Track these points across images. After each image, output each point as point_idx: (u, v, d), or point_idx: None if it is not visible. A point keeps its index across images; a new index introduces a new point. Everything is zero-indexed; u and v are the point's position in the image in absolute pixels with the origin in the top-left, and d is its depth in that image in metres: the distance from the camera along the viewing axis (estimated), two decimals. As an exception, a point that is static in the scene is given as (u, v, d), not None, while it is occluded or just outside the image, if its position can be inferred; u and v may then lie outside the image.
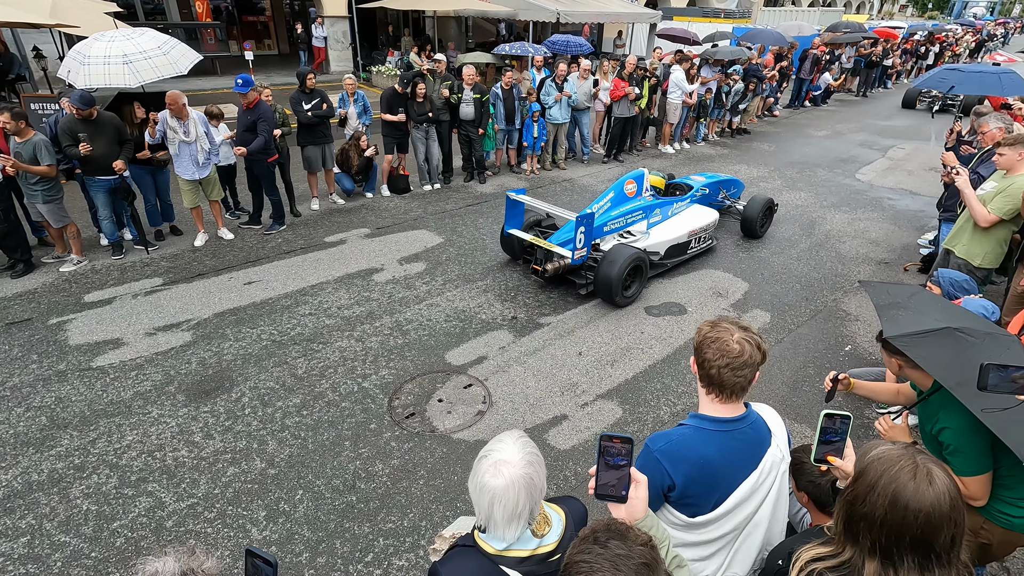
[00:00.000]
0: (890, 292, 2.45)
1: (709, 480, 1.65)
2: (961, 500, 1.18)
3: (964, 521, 1.18)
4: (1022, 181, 3.93)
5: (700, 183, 7.07)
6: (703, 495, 1.66)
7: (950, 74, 7.70)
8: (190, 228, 6.72)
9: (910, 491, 1.17)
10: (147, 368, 4.49)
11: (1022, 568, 3.09)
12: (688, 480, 1.63)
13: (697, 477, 1.64)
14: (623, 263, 5.32)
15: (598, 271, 5.43)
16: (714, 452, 1.64)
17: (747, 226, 7.23)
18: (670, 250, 6.19)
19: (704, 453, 1.64)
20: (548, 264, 5.62)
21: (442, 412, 4.14)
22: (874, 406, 4.27)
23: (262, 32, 21.33)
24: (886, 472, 1.21)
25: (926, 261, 6.38)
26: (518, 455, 1.34)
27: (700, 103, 11.04)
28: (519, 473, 1.31)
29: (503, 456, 1.34)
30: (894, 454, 1.23)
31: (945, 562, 1.18)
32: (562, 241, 5.64)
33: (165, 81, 6.09)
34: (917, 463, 1.20)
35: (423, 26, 20.40)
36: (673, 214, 6.52)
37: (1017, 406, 1.89)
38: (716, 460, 1.64)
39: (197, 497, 3.38)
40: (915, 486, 1.17)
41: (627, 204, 6.16)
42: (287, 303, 5.45)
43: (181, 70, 5.88)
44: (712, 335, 1.63)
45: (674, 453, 1.65)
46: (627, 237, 6.10)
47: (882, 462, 1.23)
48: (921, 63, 22.93)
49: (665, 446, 1.67)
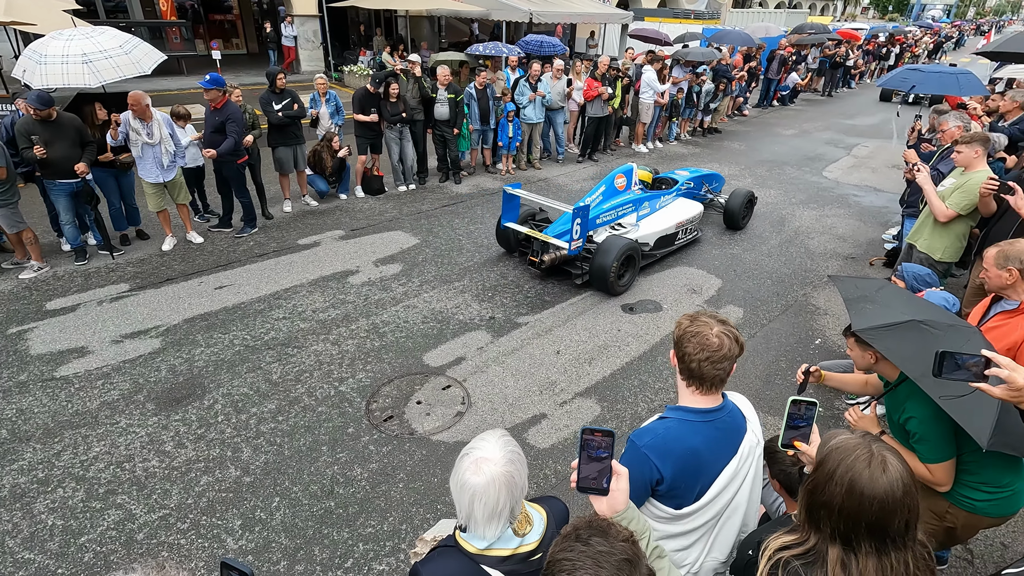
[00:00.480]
0: (858, 286, 2.52)
1: (695, 471, 1.68)
2: (914, 487, 1.22)
3: (917, 506, 1.22)
4: (979, 177, 4.08)
5: (685, 177, 7.30)
6: (689, 486, 1.69)
7: (911, 74, 7.98)
8: (157, 232, 6.54)
9: (865, 479, 1.21)
10: (114, 377, 4.36)
11: (985, 550, 3.21)
12: (676, 473, 1.65)
13: (684, 469, 1.66)
14: (617, 253, 5.53)
15: (593, 262, 5.64)
16: (700, 443, 1.67)
17: (730, 218, 7.52)
18: (659, 241, 6.43)
19: (691, 444, 1.66)
20: (545, 255, 5.79)
21: (421, 414, 4.11)
22: (844, 397, 4.39)
23: (230, 31, 20.89)
24: (843, 461, 1.24)
25: (890, 255, 6.58)
26: (499, 453, 1.34)
27: (672, 103, 11.20)
28: (500, 471, 1.31)
29: (484, 454, 1.34)
30: (851, 443, 1.27)
31: (900, 545, 1.22)
32: (558, 233, 5.82)
33: (128, 81, 5.91)
34: (872, 452, 1.24)
35: (395, 26, 20.23)
36: (660, 207, 6.75)
37: (972, 393, 1.96)
38: (702, 450, 1.67)
39: (169, 508, 3.29)
40: (870, 474, 1.21)
41: (618, 197, 6.35)
42: (260, 307, 5.35)
43: (144, 70, 5.70)
44: (692, 329, 1.66)
45: (661, 447, 1.66)
46: (618, 229, 6.28)
47: (839, 452, 1.26)
48: (883, 64, 23.67)
49: (652, 441, 1.68)
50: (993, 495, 2.22)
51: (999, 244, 2.83)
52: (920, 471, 2.23)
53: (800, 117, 15.50)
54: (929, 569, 1.26)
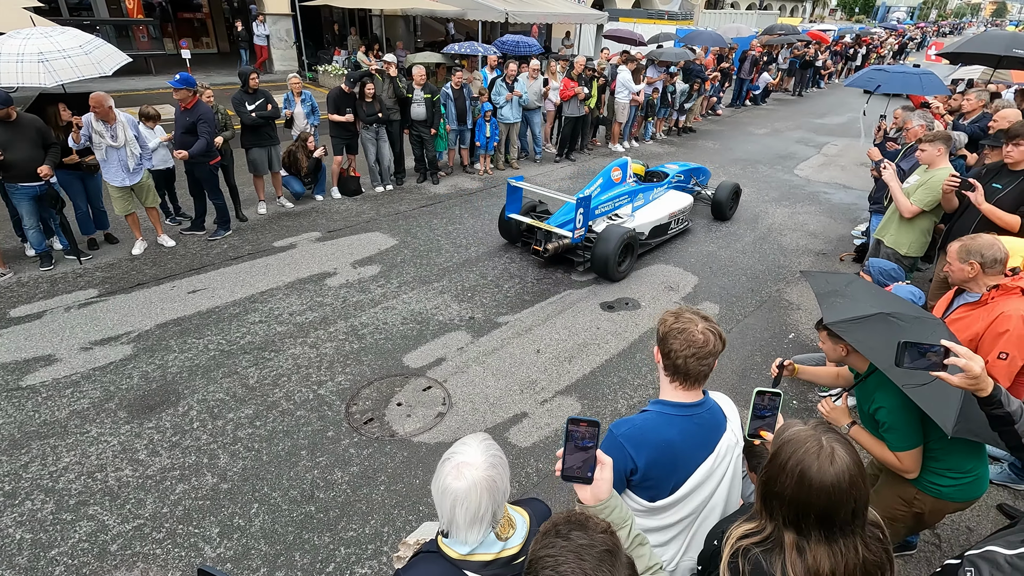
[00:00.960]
0: (828, 281, 2.59)
1: (670, 463, 1.70)
2: (862, 476, 1.25)
3: (865, 494, 1.26)
4: (941, 175, 4.22)
5: (675, 171, 7.67)
6: (663, 478, 1.71)
7: (877, 74, 8.24)
8: (126, 236, 6.38)
9: (814, 470, 1.24)
10: (84, 385, 4.24)
11: (951, 534, 3.33)
12: (650, 463, 1.67)
13: (659, 460, 1.68)
14: (617, 242, 5.85)
15: (595, 249, 5.94)
16: (676, 435, 1.69)
17: (717, 209, 7.93)
18: (654, 231, 6.75)
19: (666, 436, 1.69)
20: (549, 244, 6.06)
21: (401, 416, 4.09)
22: (816, 389, 4.49)
23: (199, 30, 20.45)
24: (794, 453, 1.28)
25: (859, 251, 6.77)
26: (481, 457, 1.34)
27: (648, 103, 11.33)
28: (481, 475, 1.31)
29: (465, 458, 1.34)
30: (802, 435, 1.30)
31: (849, 531, 1.26)
32: (561, 223, 6.11)
33: (93, 81, 5.75)
34: (822, 443, 1.27)
35: (370, 25, 20.05)
36: (654, 198, 7.12)
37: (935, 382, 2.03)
38: (677, 443, 1.69)
39: (144, 517, 3.21)
40: (819, 465, 1.24)
41: (615, 189, 6.65)
42: (235, 311, 5.26)
43: (105, 71, 5.51)
44: (678, 326, 1.68)
45: (637, 437, 1.69)
46: (615, 220, 6.54)
47: (791, 443, 1.30)
48: (850, 64, 24.29)
49: (629, 430, 1.70)
50: (958, 481, 2.30)
51: (962, 239, 2.93)
52: (889, 459, 2.31)
53: (772, 116, 15.82)
54: (883, 549, 1.30)
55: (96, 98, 5.32)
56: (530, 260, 6.51)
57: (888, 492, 2.49)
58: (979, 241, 2.84)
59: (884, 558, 1.30)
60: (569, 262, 6.37)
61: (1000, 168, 4.26)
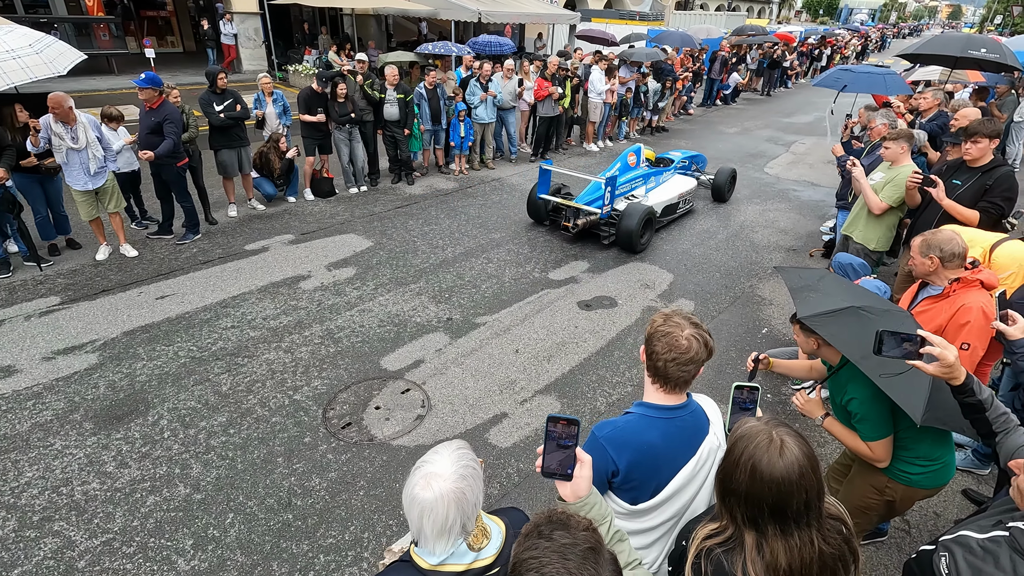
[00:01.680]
0: (801, 276, 2.64)
1: (651, 466, 1.70)
2: (813, 468, 1.27)
3: (817, 485, 1.27)
4: (906, 171, 4.35)
5: (679, 157, 8.50)
6: (645, 481, 1.71)
7: (843, 74, 8.45)
8: (89, 240, 6.16)
9: (764, 463, 1.26)
10: (46, 396, 4.08)
11: (920, 520, 3.43)
12: (631, 465, 1.68)
13: (640, 462, 1.68)
14: (639, 217, 6.65)
15: (619, 224, 6.72)
16: (657, 438, 1.69)
17: (717, 192, 8.80)
18: (665, 209, 7.53)
19: (647, 439, 1.69)
20: (578, 220, 6.83)
21: (380, 419, 4.04)
22: (791, 382, 4.59)
23: (164, 28, 19.95)
24: (746, 448, 1.29)
25: (828, 247, 6.94)
26: (451, 468, 1.32)
27: (621, 102, 11.43)
28: (450, 487, 1.29)
29: (435, 469, 1.32)
30: (754, 430, 1.32)
31: (804, 524, 1.27)
32: (587, 201, 6.83)
33: (51, 81, 5.53)
34: (772, 436, 1.29)
35: (341, 24, 19.79)
36: (663, 181, 7.95)
37: (908, 371, 2.09)
38: (659, 446, 1.69)
39: (113, 532, 3.11)
40: (768, 458, 1.26)
41: (631, 172, 7.41)
42: (206, 316, 5.13)
43: (58, 70, 5.27)
44: (663, 329, 1.67)
45: (619, 439, 1.69)
46: (631, 200, 7.26)
47: (743, 439, 1.31)
48: (816, 64, 24.92)
49: (610, 432, 1.71)
50: (927, 468, 2.37)
51: (923, 234, 3.03)
52: (861, 449, 2.37)
53: (742, 116, 16.12)
54: (843, 541, 1.31)
55: (55, 98, 5.12)
56: (506, 260, 6.51)
57: (861, 481, 2.55)
58: (939, 236, 2.93)
59: (845, 550, 1.31)
60: (592, 238, 7.12)
61: (960, 165, 4.41)
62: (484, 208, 8.11)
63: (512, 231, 7.37)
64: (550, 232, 7.37)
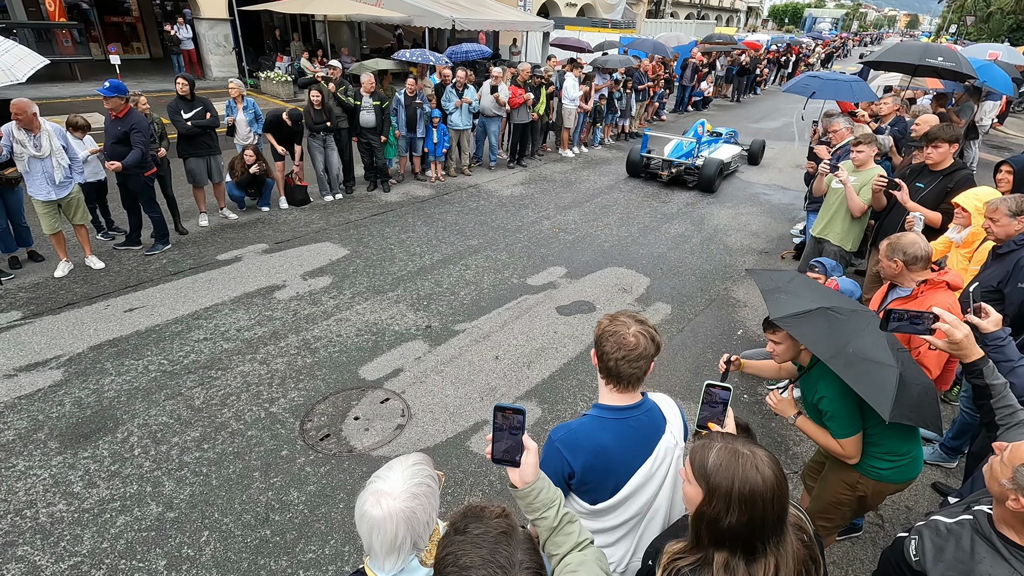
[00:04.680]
0: (772, 278, 2.70)
1: (605, 467, 1.72)
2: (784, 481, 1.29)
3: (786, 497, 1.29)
4: (873, 175, 4.48)
5: (725, 131, 11.85)
6: (600, 482, 1.74)
7: (812, 81, 8.71)
8: (53, 253, 5.95)
9: (759, 484, 1.25)
10: (8, 415, 3.92)
11: (893, 514, 3.52)
12: (585, 467, 1.70)
13: (594, 464, 1.71)
14: (716, 167, 9.56)
15: (701, 173, 9.62)
16: (609, 439, 1.71)
17: (752, 157, 11.72)
18: (721, 166, 9.88)
19: (600, 441, 1.71)
20: (674, 168, 9.80)
21: (359, 430, 3.99)
22: (765, 382, 4.68)
23: (129, 34, 19.48)
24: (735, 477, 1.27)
25: (799, 249, 7.10)
26: (401, 486, 1.32)
27: (596, 108, 11.56)
28: (399, 507, 1.29)
29: (385, 487, 1.32)
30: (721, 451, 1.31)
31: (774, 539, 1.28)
32: (678, 156, 9.83)
33: (11, 88, 5.36)
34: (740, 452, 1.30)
35: (313, 31, 19.61)
36: (718, 146, 10.90)
37: (870, 371, 2.16)
38: (611, 447, 1.71)
39: (81, 555, 3.00)
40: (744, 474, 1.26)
41: (701, 139, 10.31)
42: (177, 329, 5.00)
43: (17, 77, 5.10)
44: (611, 329, 1.70)
45: (572, 442, 1.72)
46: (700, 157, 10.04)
47: (725, 469, 1.28)
48: (783, 71, 25.59)
49: (564, 436, 1.73)
50: (896, 463, 2.44)
51: (889, 237, 3.13)
52: (832, 446, 2.43)
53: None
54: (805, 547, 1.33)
55: (18, 104, 4.95)
56: (484, 267, 6.52)
57: (833, 478, 2.61)
58: (904, 240, 3.03)
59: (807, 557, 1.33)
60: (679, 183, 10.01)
61: (922, 168, 4.58)
62: (461, 215, 8.10)
63: (489, 237, 7.38)
64: (527, 235, 7.40)
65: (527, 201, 8.84)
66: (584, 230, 7.82)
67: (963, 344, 1.86)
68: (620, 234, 7.75)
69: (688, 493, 1.38)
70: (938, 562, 1.66)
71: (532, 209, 8.50)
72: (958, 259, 4.02)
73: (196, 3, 15.55)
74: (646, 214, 8.59)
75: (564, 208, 8.63)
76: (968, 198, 3.94)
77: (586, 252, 7.09)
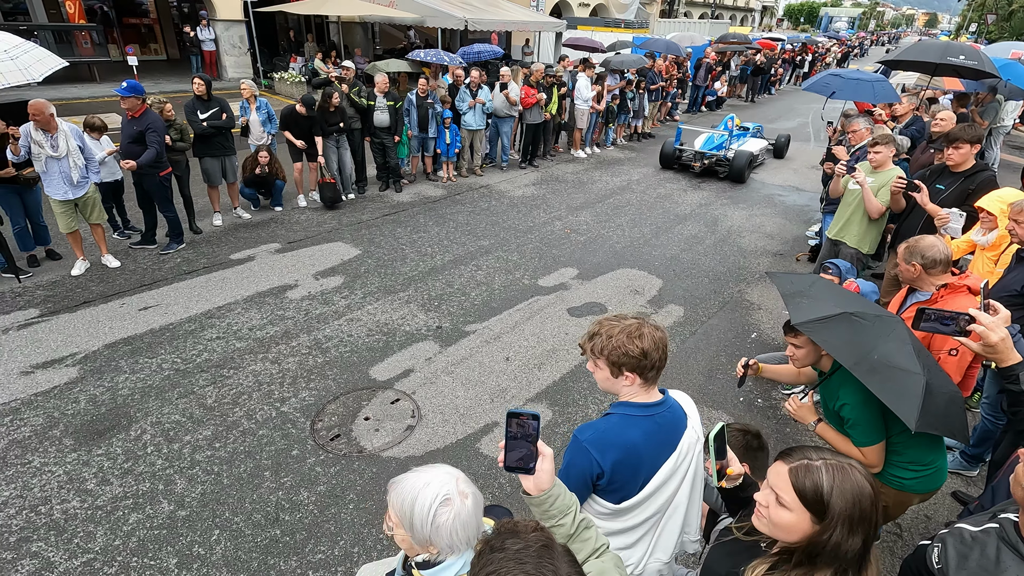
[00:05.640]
0: (793, 281, 2.64)
1: (635, 464, 1.70)
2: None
3: None
4: (893, 175, 4.39)
5: (752, 125, 12.41)
6: (629, 480, 1.71)
7: (832, 80, 8.47)
8: (70, 251, 6.03)
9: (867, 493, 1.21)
10: (24, 412, 3.97)
11: (911, 523, 3.44)
12: (616, 466, 1.68)
13: (624, 462, 1.68)
14: (746, 158, 10.18)
15: (732, 164, 10.20)
16: (638, 436, 1.70)
17: (778, 151, 12.25)
18: (751, 158, 10.47)
19: (630, 438, 1.69)
20: (706, 159, 10.25)
21: (369, 430, 3.98)
22: (781, 387, 4.60)
23: (147, 36, 19.73)
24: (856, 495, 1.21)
25: (814, 251, 7.00)
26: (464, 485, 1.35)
27: (608, 109, 11.50)
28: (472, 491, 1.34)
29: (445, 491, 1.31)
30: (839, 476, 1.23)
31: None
32: (710, 148, 10.36)
33: (31, 89, 5.42)
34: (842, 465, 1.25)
35: (327, 32, 19.72)
36: (747, 140, 11.52)
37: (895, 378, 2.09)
38: (641, 444, 1.70)
39: (94, 552, 3.01)
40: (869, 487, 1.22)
41: (732, 132, 10.82)
42: (191, 327, 5.03)
43: (34, 77, 5.15)
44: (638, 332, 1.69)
45: (601, 441, 1.69)
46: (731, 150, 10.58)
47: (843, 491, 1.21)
48: (799, 71, 25.31)
49: (593, 435, 1.70)
50: (919, 473, 2.37)
51: (907, 240, 3.05)
52: (854, 455, 2.36)
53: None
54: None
55: (35, 105, 5.01)
56: (495, 267, 6.49)
57: (854, 487, 2.55)
58: (922, 243, 2.95)
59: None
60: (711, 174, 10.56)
61: (942, 170, 4.48)
62: (473, 215, 8.09)
63: (501, 238, 7.36)
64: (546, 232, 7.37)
65: (539, 202, 8.81)
66: (596, 231, 7.77)
67: (999, 348, 1.80)
68: (632, 235, 7.68)
69: (784, 522, 1.26)
70: (961, 570, 1.62)
71: (544, 210, 8.47)
72: (984, 262, 3.92)
73: (213, 5, 15.71)
74: (659, 215, 8.52)
75: (576, 209, 8.58)
76: (992, 200, 3.84)
77: (598, 253, 7.04)
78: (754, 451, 2.08)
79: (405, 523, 1.32)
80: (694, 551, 2.06)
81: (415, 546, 1.36)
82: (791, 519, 1.24)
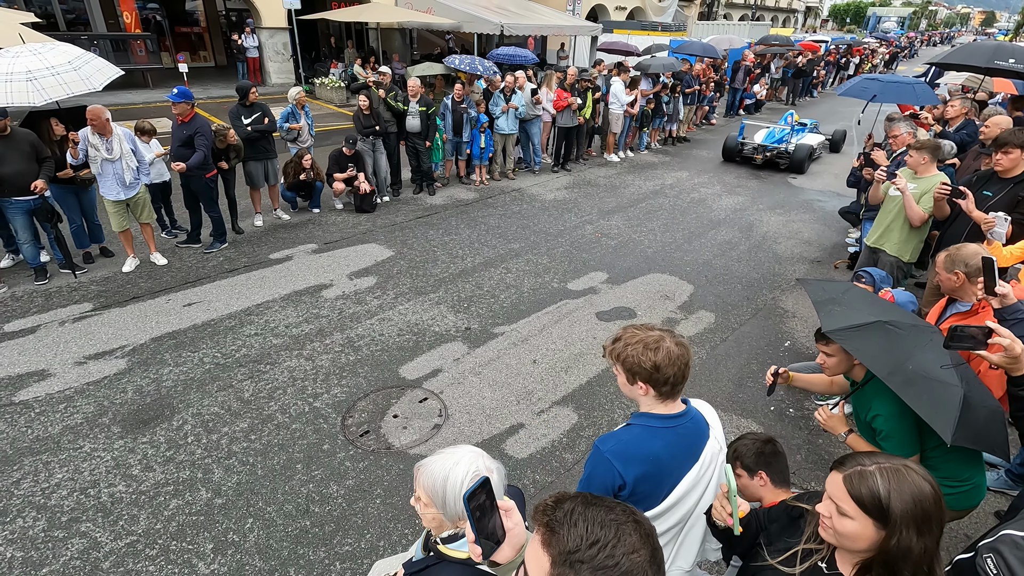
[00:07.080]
0: (825, 289, 2.59)
1: (657, 476, 1.69)
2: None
3: None
4: (936, 182, 4.23)
5: (810, 121, 12.84)
6: (652, 492, 1.70)
7: (871, 83, 8.24)
8: (122, 249, 6.35)
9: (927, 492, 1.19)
10: (77, 400, 4.21)
11: (949, 542, 3.31)
12: (639, 478, 1.67)
13: (647, 474, 1.67)
14: (806, 152, 10.90)
15: (792, 156, 10.89)
16: (660, 447, 1.69)
17: (834, 145, 12.95)
18: (811, 151, 11.14)
19: (652, 449, 1.68)
20: (768, 152, 10.93)
21: (397, 428, 4.06)
22: (813, 397, 4.49)
23: (197, 43, 20.60)
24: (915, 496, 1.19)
25: (853, 258, 6.79)
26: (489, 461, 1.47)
27: (642, 113, 11.41)
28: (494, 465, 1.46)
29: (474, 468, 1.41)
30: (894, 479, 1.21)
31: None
32: (772, 141, 10.98)
33: (91, 95, 5.76)
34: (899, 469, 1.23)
35: (366, 38, 20.20)
36: (804, 135, 11.86)
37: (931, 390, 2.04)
38: (663, 455, 1.69)
39: (137, 534, 3.18)
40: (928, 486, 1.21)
41: (793, 127, 11.43)
42: (231, 324, 5.24)
43: (95, 86, 5.47)
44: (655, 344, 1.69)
45: (624, 452, 1.68)
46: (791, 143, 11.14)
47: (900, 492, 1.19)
48: (843, 73, 24.55)
49: (615, 446, 1.70)
50: (956, 489, 2.29)
51: (947, 249, 2.94)
52: (886, 468, 2.30)
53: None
54: None
55: (93, 111, 5.32)
56: (524, 270, 6.53)
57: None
58: (964, 252, 2.84)
59: None
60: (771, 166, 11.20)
61: (990, 175, 4.29)
62: (504, 218, 8.15)
63: (531, 241, 7.39)
64: (575, 237, 7.37)
65: (570, 205, 8.81)
66: (627, 235, 7.72)
67: (1020, 358, 1.77)
68: (664, 240, 7.61)
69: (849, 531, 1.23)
70: None
71: (575, 213, 8.47)
72: (1033, 273, 3.74)
73: (258, 13, 16.30)
74: (692, 220, 8.41)
75: (607, 213, 8.55)
76: None
77: (628, 258, 7.00)
78: (769, 457, 2.04)
79: (437, 501, 1.36)
80: (716, 559, 2.05)
81: (446, 523, 1.40)
82: (855, 527, 1.23)
